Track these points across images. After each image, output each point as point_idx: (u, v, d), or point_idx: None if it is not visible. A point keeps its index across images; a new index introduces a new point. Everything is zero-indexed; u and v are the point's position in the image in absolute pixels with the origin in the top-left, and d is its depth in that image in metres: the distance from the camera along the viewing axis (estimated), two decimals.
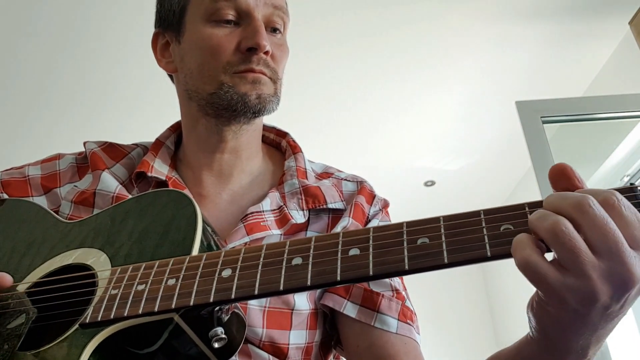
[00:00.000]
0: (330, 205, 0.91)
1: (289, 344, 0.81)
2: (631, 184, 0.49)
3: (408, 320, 0.85)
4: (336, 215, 0.92)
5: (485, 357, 0.70)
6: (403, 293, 0.88)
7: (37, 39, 2.75)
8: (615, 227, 0.47)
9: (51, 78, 2.99)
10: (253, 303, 0.80)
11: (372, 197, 0.96)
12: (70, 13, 2.63)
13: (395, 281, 0.89)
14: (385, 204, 0.97)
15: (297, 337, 0.82)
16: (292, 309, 0.82)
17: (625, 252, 0.47)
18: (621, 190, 0.50)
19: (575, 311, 0.49)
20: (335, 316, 0.87)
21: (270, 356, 0.79)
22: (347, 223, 0.89)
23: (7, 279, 0.71)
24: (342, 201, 0.93)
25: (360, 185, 0.96)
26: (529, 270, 0.48)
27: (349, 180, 0.97)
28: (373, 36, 2.89)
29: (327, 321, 0.88)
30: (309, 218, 0.90)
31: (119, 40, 2.80)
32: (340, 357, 0.94)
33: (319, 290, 0.87)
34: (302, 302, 0.84)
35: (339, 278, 0.53)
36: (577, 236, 0.47)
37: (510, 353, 0.64)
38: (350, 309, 0.84)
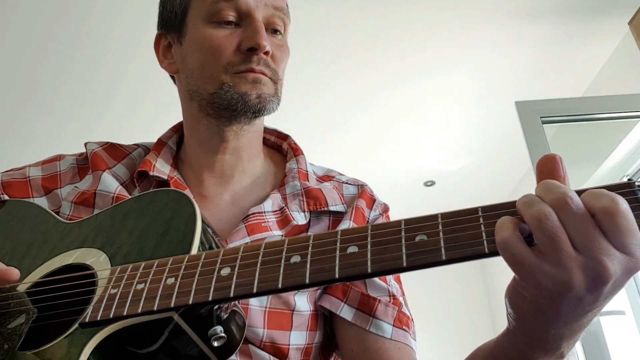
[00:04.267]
0: (331, 208, 0.91)
1: (289, 345, 0.81)
2: (629, 179, 0.49)
3: (404, 326, 0.86)
4: (337, 218, 0.92)
5: None
6: (400, 299, 0.89)
7: (40, 40, 2.76)
8: (594, 226, 0.48)
9: (56, 80, 3.00)
10: (254, 303, 0.80)
11: (372, 201, 0.96)
12: (75, 15, 2.63)
13: (393, 286, 0.89)
14: (385, 209, 0.98)
15: (297, 338, 0.82)
16: (293, 310, 0.82)
17: (602, 249, 0.48)
18: (619, 186, 0.51)
19: (550, 297, 0.50)
20: (333, 318, 0.87)
21: (271, 356, 0.80)
22: (347, 226, 0.89)
23: (15, 272, 0.70)
24: (343, 204, 0.93)
25: (361, 189, 0.97)
26: (506, 251, 0.49)
27: (350, 184, 0.98)
28: (373, 37, 2.89)
29: (327, 323, 0.89)
30: (309, 220, 0.90)
31: (122, 41, 2.80)
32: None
33: (318, 292, 0.87)
34: (303, 303, 0.84)
35: (337, 276, 0.53)
36: (559, 225, 0.48)
37: (490, 347, 0.65)
38: (346, 312, 0.85)
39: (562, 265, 0.48)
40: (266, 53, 0.87)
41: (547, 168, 0.54)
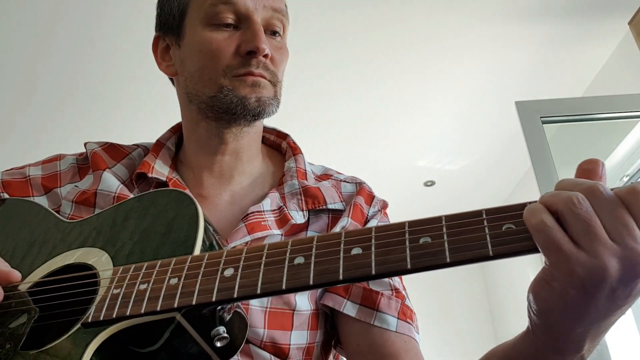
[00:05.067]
0: (329, 206, 0.91)
1: (290, 345, 0.81)
2: (632, 184, 0.49)
3: (408, 319, 0.86)
4: (336, 215, 0.92)
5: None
6: (403, 292, 0.89)
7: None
8: (626, 212, 0.47)
9: (45, 77, 3.00)
10: (254, 304, 0.80)
11: (371, 198, 0.96)
12: (74, 15, 2.64)
13: (395, 280, 0.89)
14: (384, 205, 0.98)
15: (298, 338, 0.82)
16: (294, 310, 0.82)
17: (637, 237, 0.47)
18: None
19: (582, 287, 0.48)
20: (335, 316, 0.88)
21: (272, 356, 0.80)
22: (346, 223, 0.89)
23: (16, 275, 0.70)
24: (341, 202, 0.93)
25: (359, 187, 0.97)
26: (544, 234, 0.48)
27: (348, 182, 0.98)
28: (373, 36, 2.89)
29: (328, 321, 0.89)
30: (308, 218, 0.90)
31: (121, 41, 2.80)
32: (340, 356, 0.94)
33: (319, 290, 0.87)
34: (303, 302, 0.84)
35: (341, 277, 0.53)
36: (592, 210, 0.48)
37: (507, 348, 0.64)
38: (350, 309, 0.85)
39: (597, 252, 0.47)
40: (265, 56, 0.87)
41: (588, 164, 0.53)
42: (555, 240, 0.48)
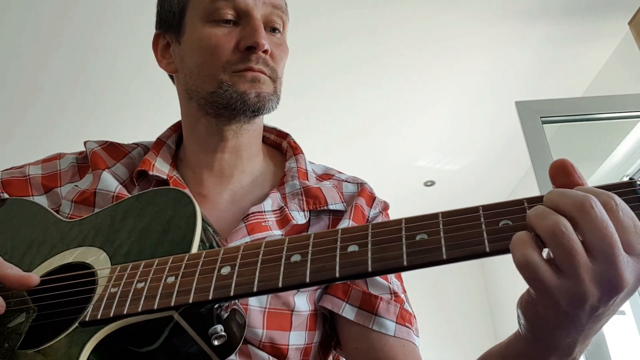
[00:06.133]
0: (330, 207, 0.91)
1: (288, 345, 0.81)
2: (630, 178, 0.49)
3: (406, 323, 0.85)
4: (336, 216, 0.92)
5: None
6: (402, 296, 0.88)
7: (33, 35, 2.77)
8: (614, 230, 0.47)
9: (49, 76, 3.01)
10: (253, 304, 0.80)
11: (372, 199, 0.96)
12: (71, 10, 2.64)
13: (394, 284, 0.89)
14: (385, 206, 0.97)
15: (297, 338, 0.82)
16: (292, 310, 0.82)
17: (619, 256, 0.47)
18: (620, 185, 0.51)
19: (564, 312, 0.49)
20: (334, 318, 0.87)
21: (270, 356, 0.80)
22: (346, 225, 0.89)
23: (35, 279, 0.67)
24: (342, 202, 0.93)
25: (361, 187, 0.96)
26: (527, 270, 0.48)
27: (350, 182, 0.97)
28: (373, 36, 2.89)
29: (327, 322, 0.88)
30: (309, 219, 0.90)
31: (120, 39, 2.80)
32: (341, 357, 0.94)
33: (318, 292, 0.87)
34: (302, 303, 0.84)
35: (337, 275, 0.53)
36: (575, 238, 0.47)
37: (501, 349, 0.65)
38: (348, 312, 0.84)
39: (578, 278, 0.47)
40: (265, 52, 0.86)
41: (561, 181, 0.53)
42: (538, 276, 0.48)
